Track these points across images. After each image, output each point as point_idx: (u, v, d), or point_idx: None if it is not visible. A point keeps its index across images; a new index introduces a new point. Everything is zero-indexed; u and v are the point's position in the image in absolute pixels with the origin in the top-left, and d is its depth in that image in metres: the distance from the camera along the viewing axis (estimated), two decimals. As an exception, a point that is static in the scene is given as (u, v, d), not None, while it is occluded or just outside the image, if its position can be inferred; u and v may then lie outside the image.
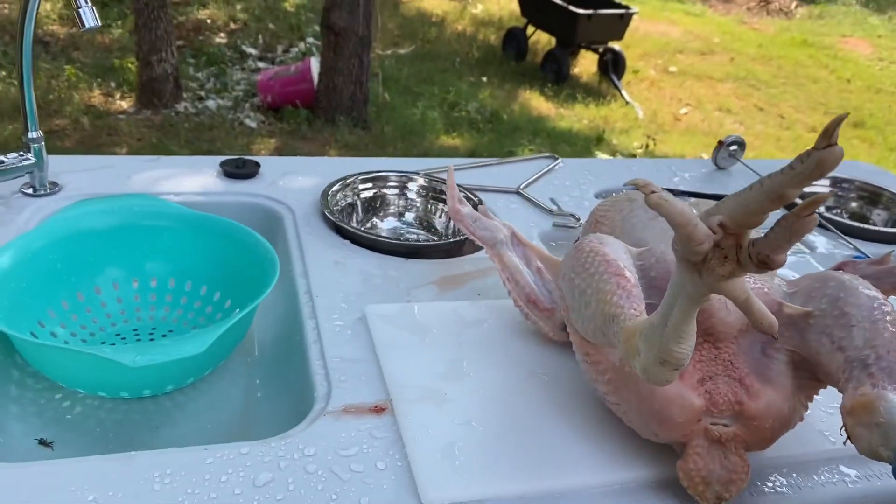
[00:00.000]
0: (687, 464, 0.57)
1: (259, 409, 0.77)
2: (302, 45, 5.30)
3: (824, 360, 0.57)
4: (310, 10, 5.97)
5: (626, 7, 5.26)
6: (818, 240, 1.08)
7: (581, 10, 4.97)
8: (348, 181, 1.02)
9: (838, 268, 0.76)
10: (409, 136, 4.10)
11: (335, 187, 1.00)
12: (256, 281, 0.79)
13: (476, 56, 5.63)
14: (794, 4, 7.93)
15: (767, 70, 6.07)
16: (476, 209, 0.78)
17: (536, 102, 4.91)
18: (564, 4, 5.08)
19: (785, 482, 0.63)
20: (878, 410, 0.50)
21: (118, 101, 4.05)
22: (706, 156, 4.45)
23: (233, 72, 4.71)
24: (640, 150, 4.36)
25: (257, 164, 1.05)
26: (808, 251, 1.05)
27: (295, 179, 1.05)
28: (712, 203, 0.58)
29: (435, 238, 1.02)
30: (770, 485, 0.62)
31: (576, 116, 4.77)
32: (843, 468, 0.65)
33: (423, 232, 1.04)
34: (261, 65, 4.90)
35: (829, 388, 0.61)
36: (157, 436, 0.74)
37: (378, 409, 0.66)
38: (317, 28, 5.31)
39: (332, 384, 0.69)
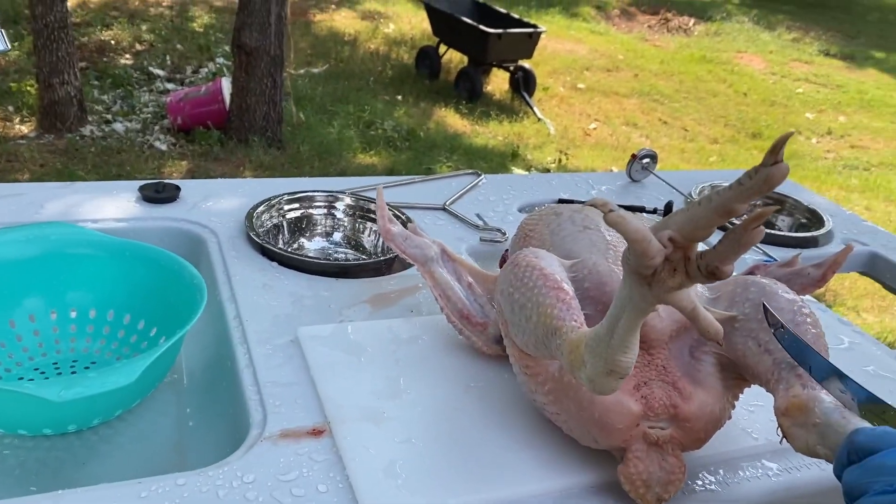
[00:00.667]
0: (628, 468, 0.59)
1: (193, 439, 0.75)
2: (212, 66, 5.20)
3: (752, 362, 0.60)
4: (219, 31, 5.87)
5: (535, 26, 5.40)
6: (729, 246, 1.13)
7: (491, 30, 5.07)
8: (273, 202, 1.01)
9: (750, 271, 0.80)
10: (325, 155, 4.07)
11: (260, 209, 0.98)
12: (183, 308, 0.77)
13: (390, 75, 5.65)
14: (692, 22, 8.31)
15: (670, 85, 6.33)
16: (405, 227, 0.79)
17: (452, 120, 4.96)
18: (475, 24, 5.17)
19: (713, 479, 0.66)
20: (814, 412, 0.53)
21: (17, 126, 3.87)
22: (616, 168, 4.60)
23: (140, 93, 4.57)
24: (553, 165, 4.46)
25: (177, 188, 1.03)
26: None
27: (217, 202, 1.03)
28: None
29: (364, 257, 1.02)
30: (700, 483, 0.65)
31: (490, 133, 4.85)
32: (765, 462, 0.69)
33: (351, 251, 1.04)
34: (169, 86, 4.78)
35: (751, 386, 0.64)
36: (84, 472, 0.71)
37: (316, 432, 0.65)
38: (227, 48, 5.22)
39: (267, 409, 0.68)
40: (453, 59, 5.79)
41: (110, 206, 0.99)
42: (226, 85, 4.11)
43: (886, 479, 0.47)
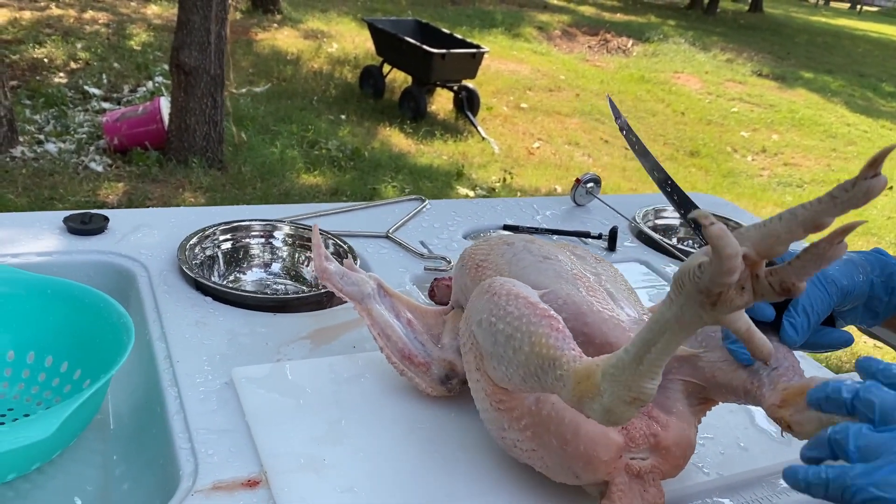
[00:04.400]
0: (612, 502, 0.57)
1: (119, 490, 0.70)
2: (150, 85, 5.08)
3: (725, 380, 0.59)
4: (157, 49, 5.75)
5: (478, 46, 5.43)
6: (672, 269, 1.13)
7: (435, 50, 5.08)
8: (207, 233, 0.97)
9: None
10: (268, 175, 4.00)
11: (193, 240, 0.94)
12: (109, 349, 0.73)
13: (334, 94, 5.61)
14: (630, 43, 8.51)
15: (611, 105, 6.44)
16: (342, 262, 0.76)
17: (396, 139, 4.95)
18: (419, 44, 5.18)
19: (665, 517, 0.64)
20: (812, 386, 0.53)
21: (-59, 147, 3.71)
22: (560, 188, 4.65)
23: (75, 113, 4.44)
24: (498, 184, 4.48)
25: (105, 219, 0.98)
26: (664, 281, 1.10)
27: (148, 233, 0.98)
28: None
29: (305, 289, 0.98)
30: (652, 522, 0.63)
31: (435, 152, 4.84)
32: (717, 498, 0.67)
33: (291, 282, 1.00)
34: (106, 105, 4.65)
35: (712, 409, 0.64)
36: (-3, 534, 0.65)
37: (252, 483, 0.62)
38: (165, 67, 5.11)
39: (199, 459, 0.63)
40: (397, 78, 5.78)
41: (32, 239, 0.93)
42: (164, 104, 4.01)
43: None
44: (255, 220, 1.02)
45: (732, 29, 10.94)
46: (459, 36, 5.75)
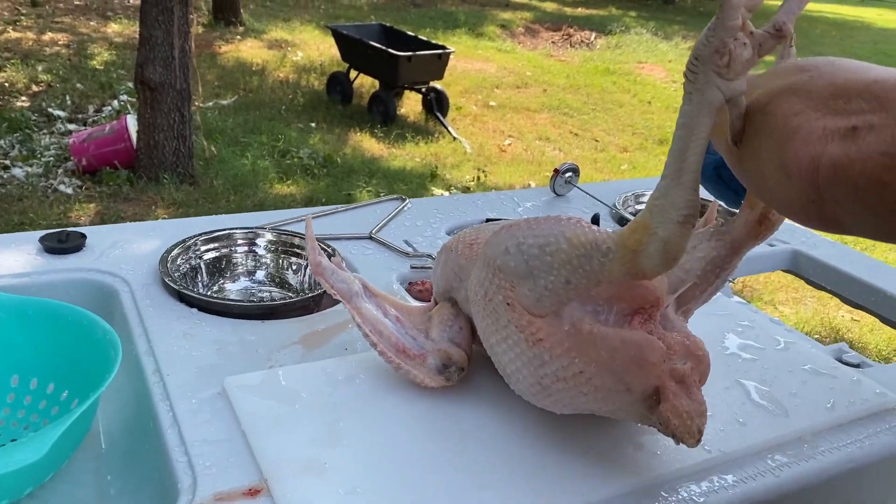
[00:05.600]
0: (671, 403, 0.58)
1: (114, 510, 0.69)
2: (115, 104, 5.02)
3: (739, 229, 0.66)
4: (120, 67, 5.69)
5: (443, 47, 5.44)
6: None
7: (400, 53, 5.08)
8: (188, 244, 0.95)
9: None
10: (241, 187, 3.97)
11: (174, 252, 0.92)
12: (96, 367, 0.71)
13: (302, 102, 5.58)
14: (593, 36, 8.56)
15: (577, 98, 6.48)
16: (331, 260, 0.75)
17: (368, 144, 4.93)
18: (384, 48, 5.17)
19: (675, 498, 0.64)
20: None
21: None
22: (534, 183, 4.66)
23: (40, 136, 4.37)
24: (472, 183, 4.48)
25: (83, 236, 0.96)
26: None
27: (127, 248, 0.96)
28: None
29: (291, 294, 0.97)
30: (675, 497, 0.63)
31: (408, 155, 4.84)
32: (721, 475, 0.67)
33: (277, 289, 0.99)
34: (71, 127, 4.58)
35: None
36: (-8, 562, 0.64)
37: (253, 492, 0.60)
38: (130, 85, 5.05)
39: (196, 472, 0.62)
40: (365, 83, 5.77)
41: (9, 260, 0.91)
42: (131, 122, 3.96)
43: None
44: (237, 227, 1.00)
45: (693, 17, 11.06)
46: (424, 38, 5.75)
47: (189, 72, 3.79)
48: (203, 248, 0.97)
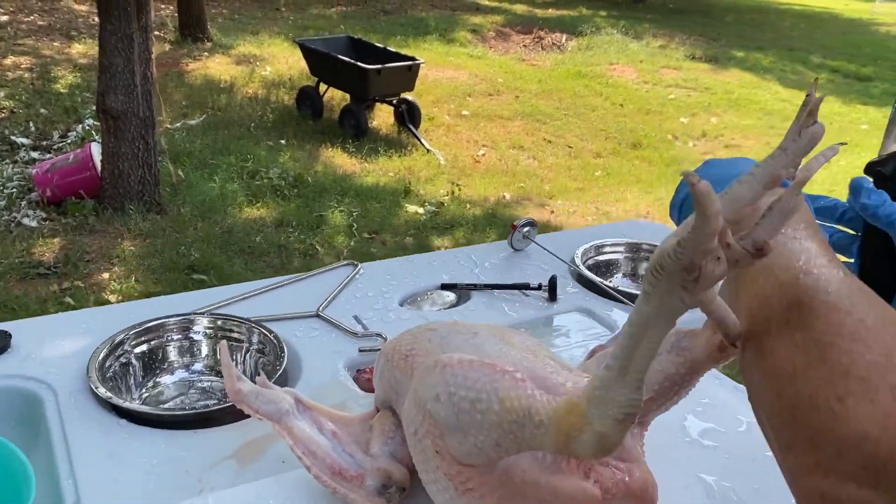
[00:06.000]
0: None
1: None
2: (80, 129, 4.93)
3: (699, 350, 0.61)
4: (86, 90, 5.59)
5: (413, 58, 5.39)
6: (614, 313, 1.10)
7: (370, 66, 5.03)
8: (117, 340, 0.90)
9: (591, 354, 0.75)
10: (209, 213, 3.90)
11: (103, 352, 0.87)
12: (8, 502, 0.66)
13: (271, 118, 5.52)
14: (564, 38, 8.55)
15: (550, 104, 6.46)
16: (255, 380, 0.70)
17: (340, 160, 4.87)
18: (353, 62, 5.12)
19: None
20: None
21: None
22: (507, 195, 4.63)
23: (3, 167, 4.27)
24: (447, 198, 4.44)
25: (8, 335, 0.90)
26: (608, 332, 1.06)
27: (56, 345, 0.91)
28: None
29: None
30: None
31: (381, 170, 4.79)
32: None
33: (217, 378, 0.94)
34: (35, 155, 4.49)
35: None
36: None
37: None
38: (95, 108, 4.96)
39: None
40: (335, 96, 5.71)
41: (-73, 367, 0.86)
42: (96, 150, 3.88)
43: None
44: (170, 316, 0.95)
45: (663, 14, 11.08)
46: (393, 49, 5.70)
47: (152, 98, 3.72)
48: (135, 342, 0.91)
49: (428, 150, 5.16)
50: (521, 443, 0.51)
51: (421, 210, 4.26)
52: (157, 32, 7.26)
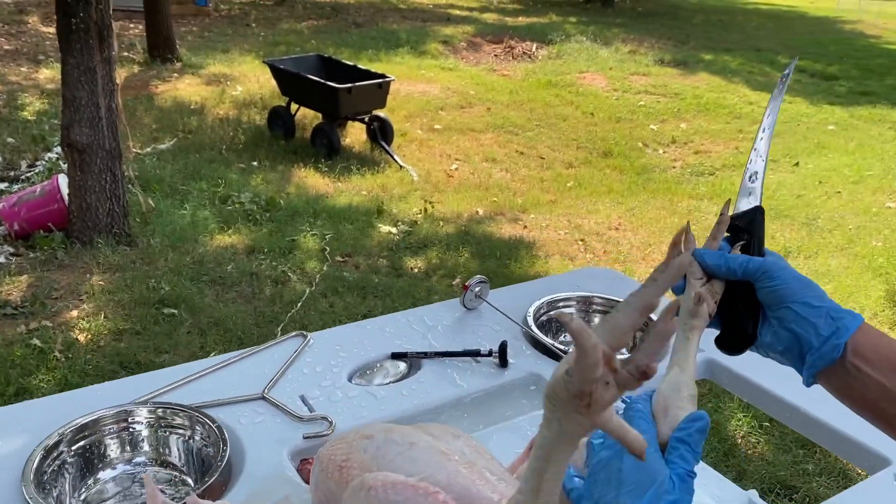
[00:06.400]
0: None
1: None
2: (49, 157, 4.87)
3: None
4: (53, 117, 5.53)
5: (383, 76, 5.38)
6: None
7: (340, 86, 5.02)
8: (52, 441, 0.88)
9: (531, 447, 0.75)
10: (179, 243, 3.87)
11: (37, 458, 0.86)
12: None
13: (243, 140, 5.49)
14: (534, 47, 8.58)
15: (521, 115, 6.48)
16: (185, 500, 0.70)
17: (313, 180, 4.85)
18: (322, 81, 5.10)
19: None
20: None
21: None
22: (480, 210, 4.64)
23: (-32, 201, 4.22)
24: (420, 216, 4.44)
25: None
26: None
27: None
28: None
29: (175, 474, 0.91)
30: None
31: (354, 189, 4.77)
32: None
33: (161, 469, 0.93)
34: (2, 186, 4.43)
35: None
36: None
37: None
38: (62, 138, 4.91)
39: None
40: (307, 115, 5.69)
41: None
42: (63, 182, 3.84)
43: None
44: (107, 408, 0.94)
45: (631, 18, 11.16)
46: (365, 64, 5.69)
47: (118, 129, 3.69)
48: (70, 440, 0.90)
49: (401, 167, 5.15)
50: None
51: (394, 230, 4.25)
52: (125, 53, 7.20)
